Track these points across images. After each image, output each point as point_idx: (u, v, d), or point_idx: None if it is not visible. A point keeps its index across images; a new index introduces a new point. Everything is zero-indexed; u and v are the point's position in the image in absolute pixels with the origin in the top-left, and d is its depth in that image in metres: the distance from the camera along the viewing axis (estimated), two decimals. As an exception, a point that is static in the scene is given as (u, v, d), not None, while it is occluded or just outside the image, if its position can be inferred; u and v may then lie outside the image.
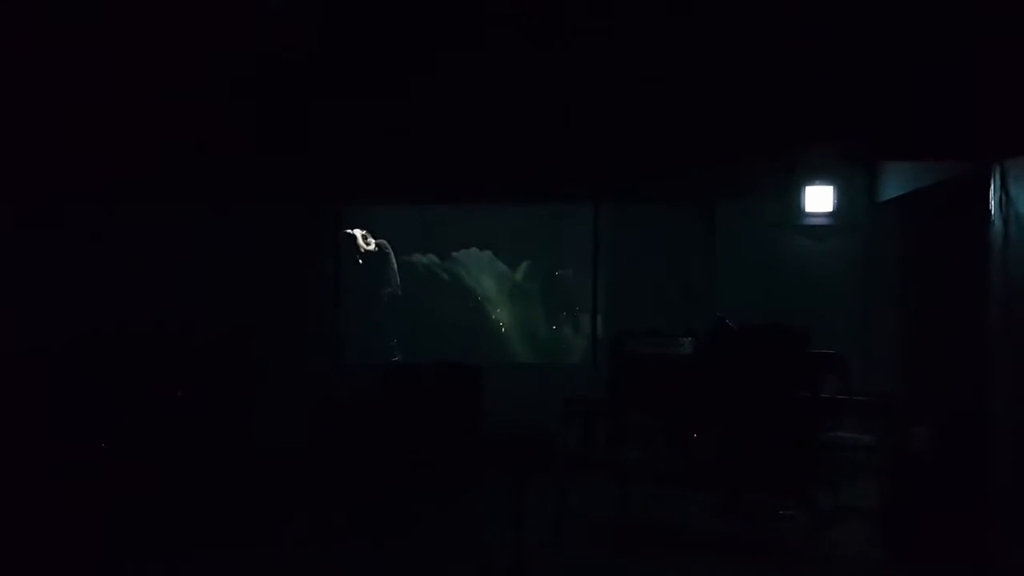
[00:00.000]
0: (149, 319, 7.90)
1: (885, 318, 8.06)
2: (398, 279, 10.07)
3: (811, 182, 8.40)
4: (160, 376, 7.52)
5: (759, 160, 7.96)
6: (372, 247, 9.94)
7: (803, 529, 6.01)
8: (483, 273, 11.02)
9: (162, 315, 7.99)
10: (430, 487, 7.15)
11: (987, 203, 5.97)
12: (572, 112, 6.68)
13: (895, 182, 7.84)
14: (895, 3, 5.25)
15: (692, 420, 6.37)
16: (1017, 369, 5.54)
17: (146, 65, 6.05)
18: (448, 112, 6.75)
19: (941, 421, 5.99)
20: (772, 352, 6.20)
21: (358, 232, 9.87)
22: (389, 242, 10.12)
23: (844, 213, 8.41)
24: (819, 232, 8.48)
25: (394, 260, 10.08)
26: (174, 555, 5.56)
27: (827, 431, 6.35)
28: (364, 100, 6.57)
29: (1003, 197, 5.82)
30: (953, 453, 5.80)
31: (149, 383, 7.47)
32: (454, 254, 10.82)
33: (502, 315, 10.85)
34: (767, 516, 6.13)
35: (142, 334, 7.67)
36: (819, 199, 8.42)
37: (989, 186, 5.95)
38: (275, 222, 8.80)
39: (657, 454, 6.68)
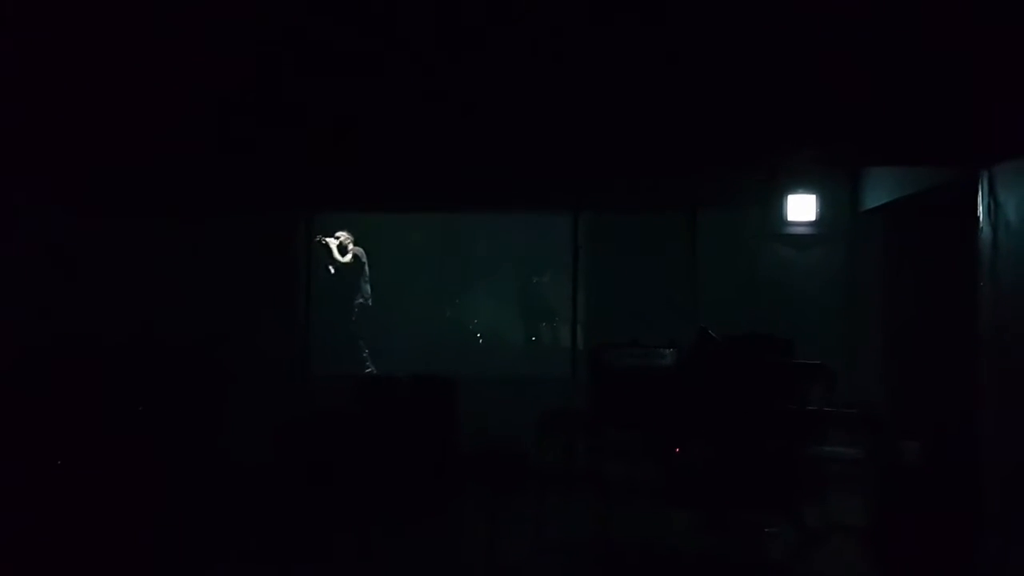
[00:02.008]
0: (112, 329, 7.71)
1: (870, 328, 7.98)
2: (370, 289, 9.97)
3: (793, 190, 8.33)
4: (121, 388, 7.31)
5: (740, 168, 7.86)
6: (348, 258, 9.84)
7: (789, 546, 5.88)
8: (460, 283, 10.93)
9: (126, 325, 7.79)
10: (403, 503, 6.96)
11: (975, 210, 5.89)
12: (551, 119, 6.55)
13: (879, 189, 7.78)
14: (879, 7, 5.14)
15: (675, 434, 6.23)
16: (1006, 378, 5.43)
17: (116, 71, 5.89)
18: (423, 118, 6.62)
19: (930, 433, 5.90)
20: (756, 363, 6.09)
21: (332, 241, 9.76)
22: (365, 251, 10.02)
23: (827, 222, 8.34)
24: (802, 241, 8.40)
25: (367, 270, 9.97)
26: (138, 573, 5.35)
27: (813, 444, 6.18)
28: (337, 105, 6.43)
29: (991, 204, 5.75)
30: (943, 465, 5.71)
31: (110, 395, 7.26)
32: (430, 263, 10.76)
33: (479, 325, 10.76)
34: (753, 533, 6.00)
35: (104, 344, 7.50)
36: (801, 207, 8.34)
37: (976, 192, 5.87)
38: (244, 230, 8.60)
39: (639, 469, 6.53)
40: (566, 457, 7.01)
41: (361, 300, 10.00)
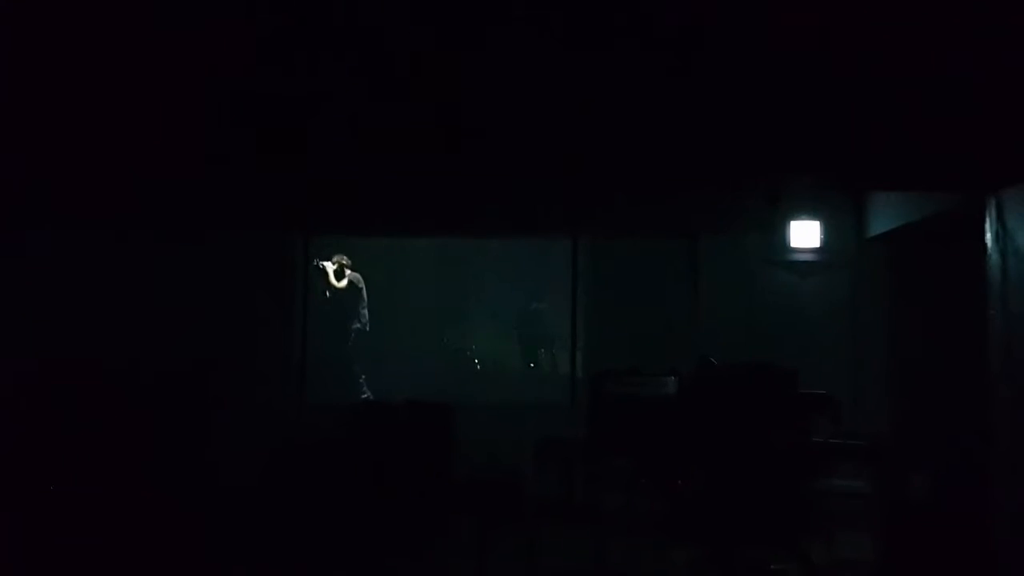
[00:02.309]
0: (104, 352, 7.62)
1: (875, 357, 7.85)
2: (367, 314, 9.88)
3: (797, 216, 8.21)
4: (111, 415, 7.19)
5: (743, 193, 7.77)
6: (344, 284, 9.76)
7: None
8: (458, 309, 10.85)
9: (115, 350, 7.68)
10: (397, 531, 6.80)
11: (983, 236, 5.78)
12: (550, 143, 6.48)
13: (884, 215, 7.66)
14: (883, 28, 5.06)
15: (675, 465, 6.09)
16: (1016, 407, 5.28)
17: (114, 89, 5.83)
18: (420, 142, 6.56)
19: (939, 465, 5.74)
20: (759, 393, 5.97)
21: (329, 265, 9.69)
22: (362, 276, 9.95)
23: (832, 248, 8.21)
24: (806, 268, 8.27)
25: (365, 295, 9.88)
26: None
27: (818, 477, 6.06)
28: (333, 127, 6.37)
29: (999, 230, 5.64)
30: (953, 499, 5.56)
31: (100, 422, 7.14)
32: (428, 289, 10.69)
33: (477, 352, 10.68)
34: (757, 570, 5.81)
35: (96, 368, 7.40)
36: (805, 234, 8.22)
37: (984, 218, 5.75)
38: (240, 253, 8.49)
39: (638, 501, 6.39)
40: (563, 487, 6.88)
41: (358, 325, 9.91)
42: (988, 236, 5.74)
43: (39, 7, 5.08)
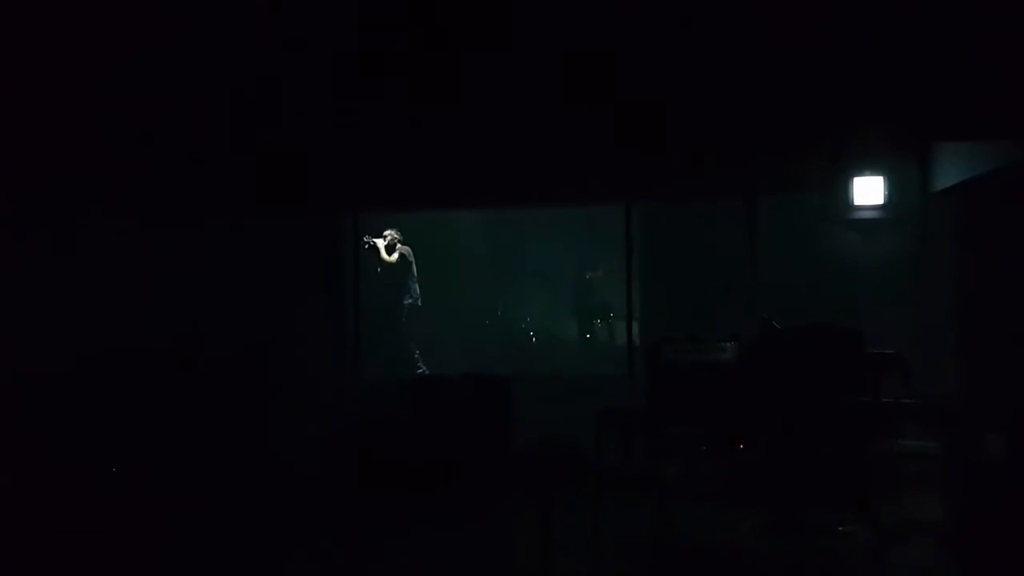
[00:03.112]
0: (157, 335, 7.73)
1: (943, 315, 7.63)
2: (419, 288, 9.89)
3: (859, 172, 7.91)
4: (170, 395, 7.29)
5: (802, 150, 7.57)
6: (395, 258, 9.79)
7: (864, 547, 5.57)
8: (511, 280, 10.83)
9: (171, 331, 7.80)
10: (456, 504, 6.83)
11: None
12: (600, 105, 6.40)
13: (952, 168, 7.40)
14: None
15: (738, 431, 6.00)
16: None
17: (155, 69, 5.90)
18: (469, 110, 6.54)
19: (1014, 425, 5.53)
20: (824, 355, 5.83)
21: (380, 241, 9.72)
22: (412, 250, 9.96)
23: (896, 204, 7.89)
24: (869, 226, 7.99)
25: (415, 269, 9.93)
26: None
27: (888, 439, 5.91)
28: (379, 99, 6.39)
29: None
30: None
31: (159, 403, 7.24)
32: (480, 261, 10.68)
33: (532, 323, 10.67)
34: (823, 534, 5.70)
35: (150, 351, 7.52)
36: (868, 190, 7.91)
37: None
38: (289, 231, 8.58)
39: (700, 468, 6.32)
40: (624, 457, 6.82)
41: (410, 300, 9.92)
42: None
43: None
